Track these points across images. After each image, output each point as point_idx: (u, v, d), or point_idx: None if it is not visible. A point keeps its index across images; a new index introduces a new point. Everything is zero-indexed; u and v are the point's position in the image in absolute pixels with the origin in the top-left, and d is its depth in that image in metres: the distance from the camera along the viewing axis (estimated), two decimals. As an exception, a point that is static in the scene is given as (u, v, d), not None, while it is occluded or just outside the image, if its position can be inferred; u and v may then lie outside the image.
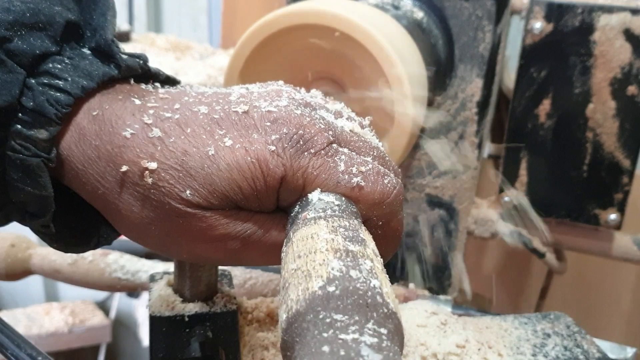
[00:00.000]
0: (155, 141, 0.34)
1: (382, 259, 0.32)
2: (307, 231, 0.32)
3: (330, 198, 0.34)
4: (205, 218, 0.34)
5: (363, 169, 0.35)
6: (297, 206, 0.35)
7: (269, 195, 0.35)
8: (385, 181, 0.36)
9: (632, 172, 0.75)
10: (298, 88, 0.40)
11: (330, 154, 0.35)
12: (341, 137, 0.37)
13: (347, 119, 0.39)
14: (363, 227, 0.34)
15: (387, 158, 0.39)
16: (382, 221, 0.37)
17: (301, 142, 0.34)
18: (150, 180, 0.33)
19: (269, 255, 0.37)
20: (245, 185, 0.34)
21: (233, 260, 0.37)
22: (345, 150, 0.36)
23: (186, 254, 0.38)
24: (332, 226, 0.32)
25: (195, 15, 2.02)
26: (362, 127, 0.40)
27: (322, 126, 0.36)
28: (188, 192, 0.33)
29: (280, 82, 0.40)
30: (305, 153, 0.34)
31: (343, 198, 0.35)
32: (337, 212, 0.33)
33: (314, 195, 0.35)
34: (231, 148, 0.34)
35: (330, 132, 0.36)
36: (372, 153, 0.38)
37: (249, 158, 0.34)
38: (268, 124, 0.35)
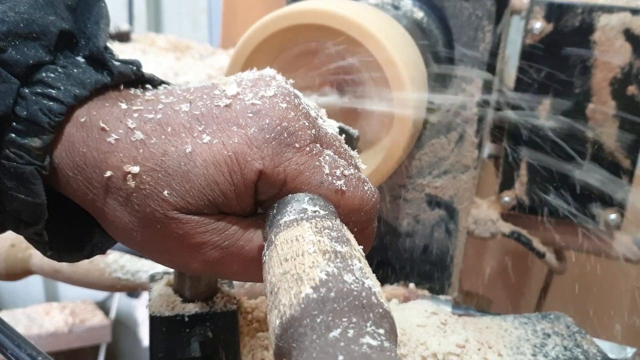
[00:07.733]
0: (137, 144, 0.34)
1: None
2: (290, 233, 0.31)
3: (308, 198, 0.34)
4: (182, 224, 0.34)
5: (346, 172, 0.35)
6: (274, 208, 0.34)
7: (247, 189, 0.34)
8: (365, 188, 0.36)
9: (632, 172, 0.75)
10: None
11: (314, 152, 0.35)
12: (324, 138, 0.37)
13: (329, 126, 0.39)
14: (345, 227, 0.34)
15: (361, 168, 0.39)
16: (357, 227, 0.36)
17: (285, 135, 0.34)
18: (132, 184, 0.34)
19: (250, 268, 0.36)
20: (222, 180, 0.33)
21: (213, 271, 0.36)
22: (329, 152, 0.36)
23: (167, 262, 0.38)
24: (317, 227, 0.31)
25: (195, 15, 2.02)
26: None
27: (307, 123, 0.35)
28: (166, 192, 0.33)
29: (274, 71, 0.39)
30: (289, 147, 0.34)
31: (321, 198, 0.34)
32: (318, 213, 0.33)
33: (291, 197, 0.34)
34: (209, 144, 0.34)
35: (314, 131, 0.36)
36: (350, 161, 0.38)
37: (225, 152, 0.33)
38: (250, 115, 0.34)
